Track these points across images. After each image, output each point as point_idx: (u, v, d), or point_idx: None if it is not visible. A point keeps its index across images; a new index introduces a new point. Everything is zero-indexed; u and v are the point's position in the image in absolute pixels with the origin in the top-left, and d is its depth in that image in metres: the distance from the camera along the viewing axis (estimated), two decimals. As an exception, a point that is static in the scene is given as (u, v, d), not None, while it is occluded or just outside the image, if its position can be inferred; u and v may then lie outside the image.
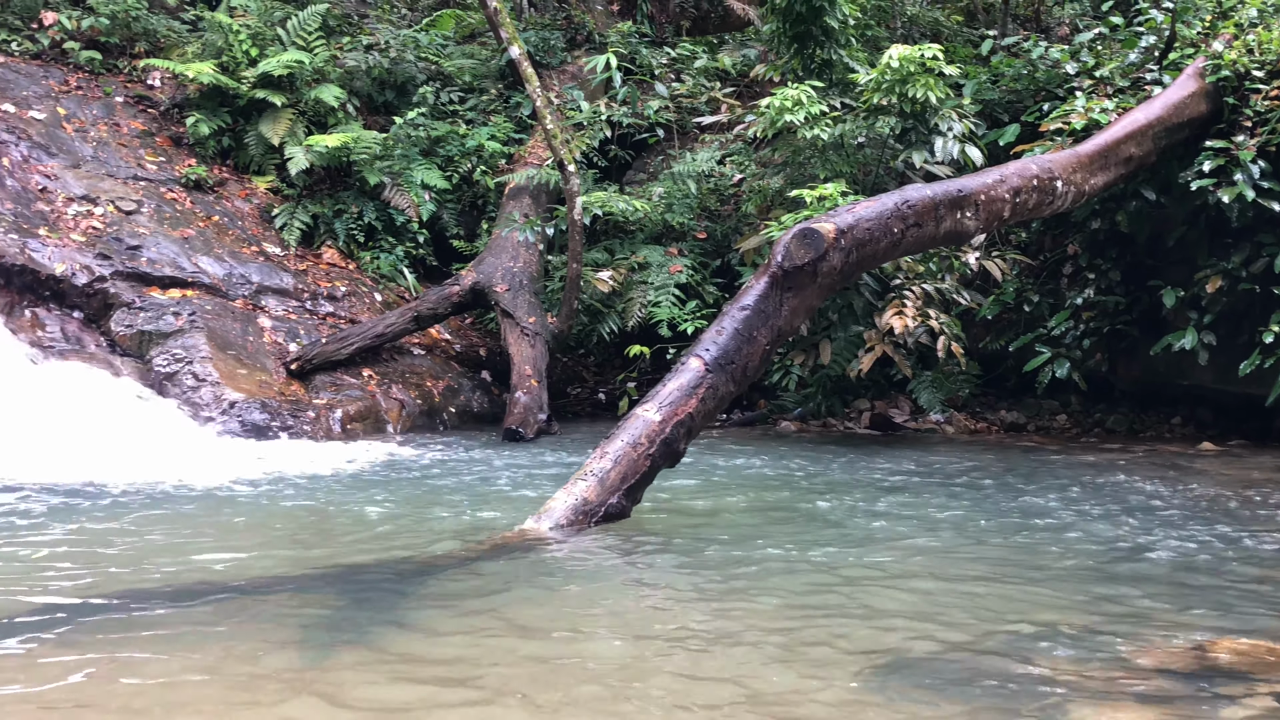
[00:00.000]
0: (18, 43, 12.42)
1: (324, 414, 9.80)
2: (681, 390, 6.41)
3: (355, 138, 12.32)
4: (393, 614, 4.32)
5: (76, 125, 11.65)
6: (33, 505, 6.45)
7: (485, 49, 15.28)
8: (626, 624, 4.23)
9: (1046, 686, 3.47)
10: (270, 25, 13.12)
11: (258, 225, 11.87)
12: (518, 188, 12.59)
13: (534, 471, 8.09)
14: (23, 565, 5.02)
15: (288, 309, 10.94)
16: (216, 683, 3.48)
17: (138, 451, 8.19)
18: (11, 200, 10.27)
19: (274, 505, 6.69)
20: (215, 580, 4.87)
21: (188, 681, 3.49)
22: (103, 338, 9.85)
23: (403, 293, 12.22)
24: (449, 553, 5.42)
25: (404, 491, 7.26)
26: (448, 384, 11.15)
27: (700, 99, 14.21)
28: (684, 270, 11.70)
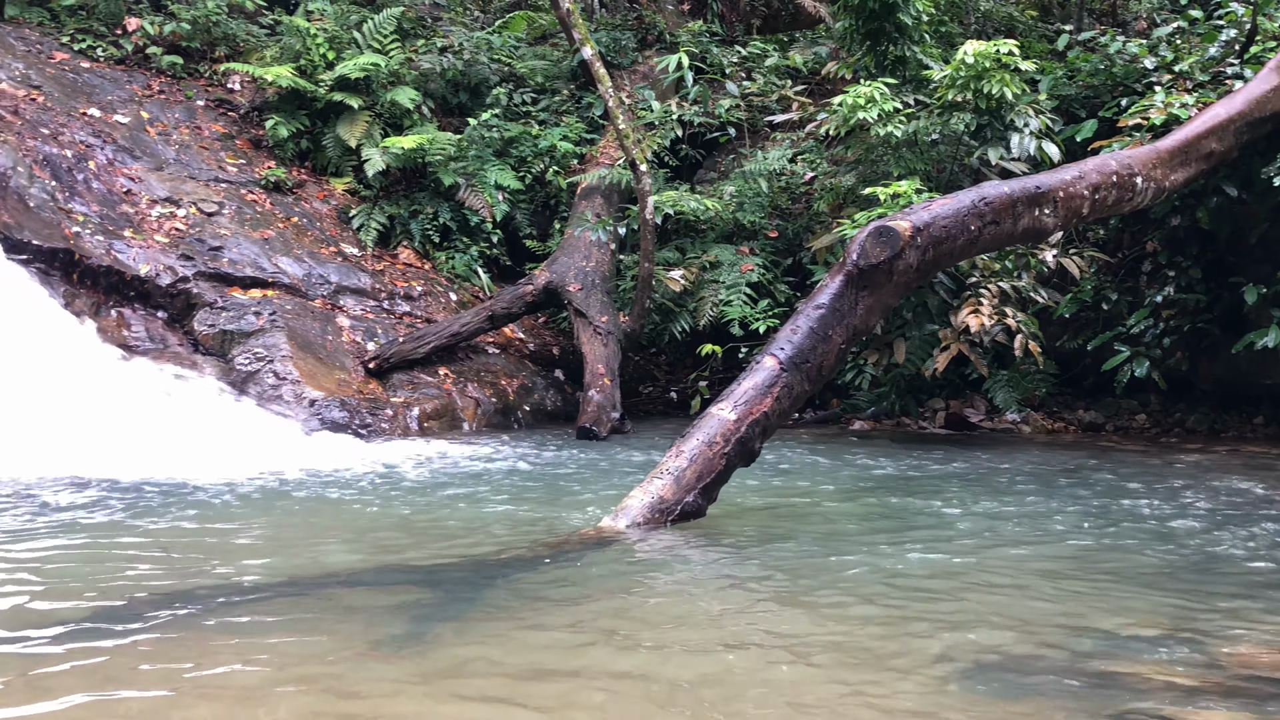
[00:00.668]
0: (103, 48, 12.73)
1: (401, 412, 9.94)
2: (756, 389, 6.42)
3: (430, 139, 12.47)
4: (475, 610, 4.37)
5: (159, 129, 11.92)
6: (123, 501, 6.62)
7: (557, 50, 15.38)
8: (706, 624, 4.24)
9: (1134, 688, 3.44)
10: (346, 29, 13.33)
11: (335, 226, 12.06)
12: (590, 187, 12.66)
13: (609, 469, 8.14)
14: (117, 561, 5.15)
15: (365, 308, 11.12)
16: (306, 678, 3.53)
17: (221, 449, 8.36)
18: (98, 203, 10.53)
19: (354, 502, 6.80)
20: (301, 576, 4.97)
21: (277, 677, 3.55)
22: (186, 337, 10.07)
23: (477, 292, 12.35)
24: (529, 550, 5.47)
25: (481, 489, 7.34)
26: (522, 382, 11.26)
27: (771, 97, 14.18)
28: (755, 269, 11.70)
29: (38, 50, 12.24)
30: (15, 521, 5.98)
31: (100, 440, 7.92)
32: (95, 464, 7.59)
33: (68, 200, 10.31)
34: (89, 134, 11.23)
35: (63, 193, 10.34)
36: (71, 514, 6.21)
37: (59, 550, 5.31)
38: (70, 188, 10.45)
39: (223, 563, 5.15)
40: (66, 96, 11.66)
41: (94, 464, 7.59)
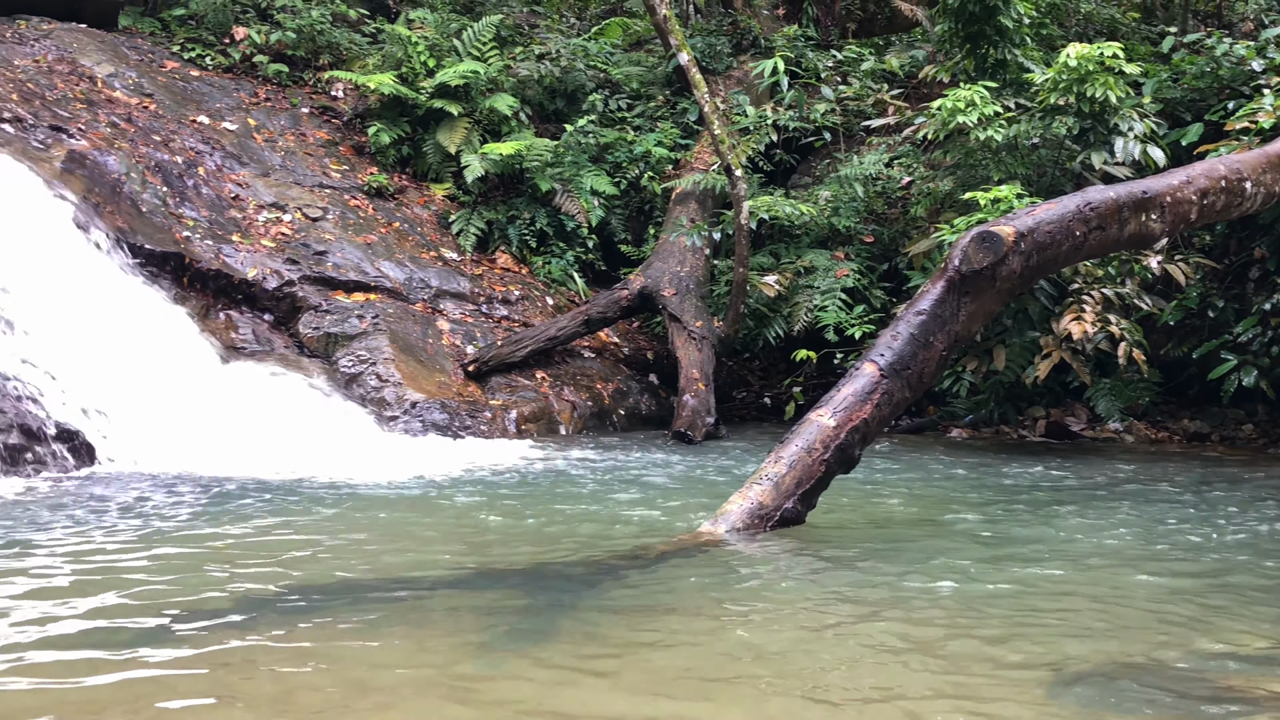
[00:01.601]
0: (211, 57, 13.10)
1: (500, 414, 10.09)
2: (856, 395, 6.41)
3: (528, 145, 12.63)
4: (576, 613, 4.42)
5: (266, 135, 12.22)
6: (232, 499, 6.81)
7: (652, 56, 15.46)
8: (807, 630, 4.25)
9: (1232, 704, 3.39)
10: (447, 37, 13.55)
11: (435, 231, 12.26)
12: (684, 193, 12.71)
13: (704, 474, 8.18)
14: (225, 559, 5.30)
15: (464, 312, 11.29)
16: (409, 676, 3.59)
17: (325, 449, 8.56)
18: (207, 208, 10.84)
19: (454, 503, 6.92)
20: (408, 576, 5.06)
21: (381, 674, 3.61)
22: (291, 339, 10.31)
23: (573, 297, 12.48)
24: (629, 553, 5.52)
25: (579, 492, 7.42)
26: (617, 386, 11.35)
27: (867, 101, 14.09)
28: (851, 274, 11.64)
29: (150, 59, 12.63)
30: (118, 523, 6.19)
31: (212, 440, 8.16)
32: (208, 463, 7.83)
33: (178, 205, 10.63)
34: (198, 141, 11.56)
35: (174, 198, 10.66)
36: (185, 511, 6.41)
37: (170, 550, 5.48)
38: (181, 193, 10.77)
39: (333, 562, 5.28)
40: (177, 104, 12.01)
41: (206, 463, 7.83)
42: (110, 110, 11.23)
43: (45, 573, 4.86)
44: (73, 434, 7.71)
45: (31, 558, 5.14)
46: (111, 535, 5.68)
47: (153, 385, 8.46)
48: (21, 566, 4.97)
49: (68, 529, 5.81)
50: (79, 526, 5.89)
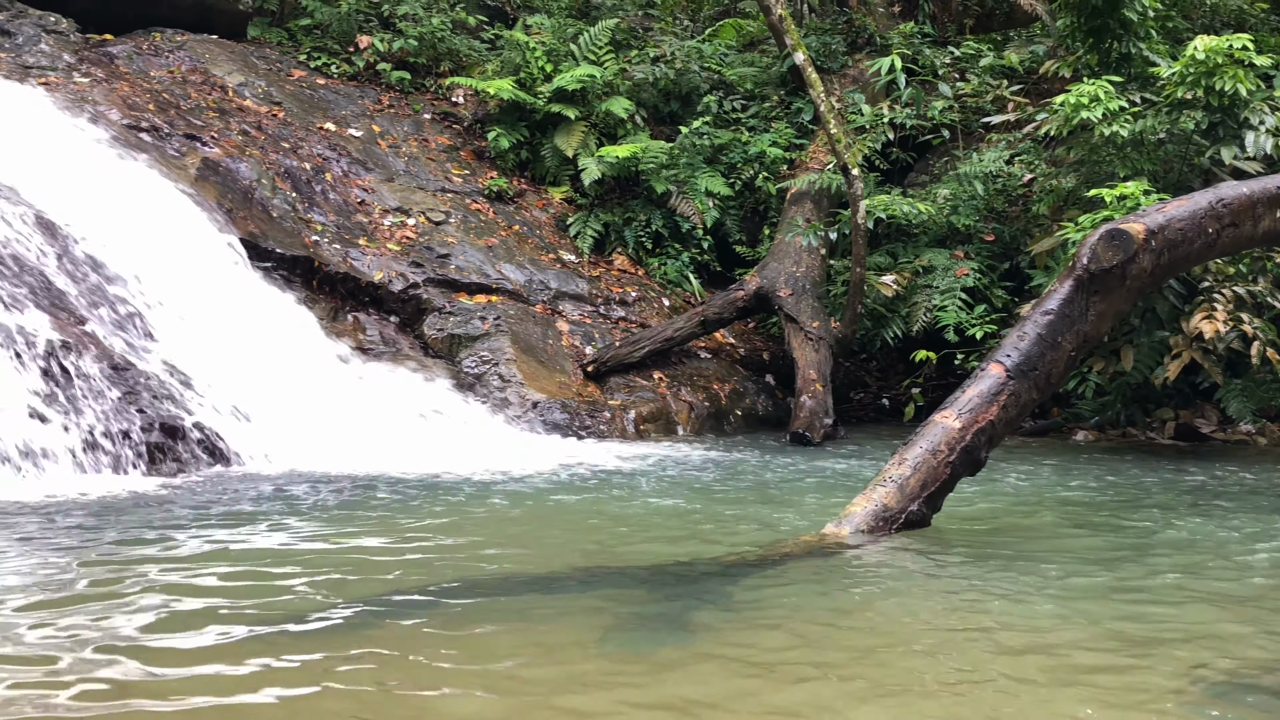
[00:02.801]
0: (336, 65, 13.45)
1: (619, 415, 10.20)
2: (982, 397, 6.34)
3: (643, 148, 12.72)
4: (702, 613, 4.45)
5: (390, 141, 12.52)
6: (361, 498, 7.01)
7: (765, 56, 15.45)
8: (934, 633, 4.23)
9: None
10: (563, 42, 13.71)
11: (554, 233, 12.43)
12: (800, 193, 12.69)
13: (824, 475, 8.17)
14: (354, 557, 5.46)
15: (583, 313, 11.44)
16: (533, 675, 3.65)
17: (451, 448, 8.75)
18: (335, 213, 11.14)
19: (577, 503, 7.02)
20: (530, 574, 5.15)
21: (505, 671, 3.68)
22: (416, 341, 10.55)
23: (689, 298, 12.54)
24: (752, 553, 5.55)
25: (699, 492, 7.47)
26: (733, 387, 11.38)
27: (986, 98, 13.91)
28: (971, 273, 11.51)
29: (278, 68, 13.02)
30: (253, 521, 6.40)
31: (343, 439, 8.40)
32: (339, 461, 8.06)
33: (307, 210, 10.94)
34: (325, 147, 11.89)
35: (302, 203, 10.98)
36: (315, 509, 6.61)
37: (300, 548, 5.66)
38: (309, 198, 11.09)
39: (457, 560, 5.40)
40: (304, 112, 12.37)
41: (337, 461, 8.06)
42: (241, 118, 11.61)
43: (184, 570, 5.07)
44: (210, 433, 7.99)
45: (172, 555, 5.35)
46: (247, 533, 5.89)
47: (286, 385, 8.74)
48: (163, 563, 5.18)
49: (206, 526, 6.04)
50: (217, 524, 6.12)
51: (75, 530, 5.85)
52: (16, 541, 5.60)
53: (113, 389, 7.71)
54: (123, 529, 5.88)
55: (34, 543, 5.56)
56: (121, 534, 5.74)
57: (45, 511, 6.33)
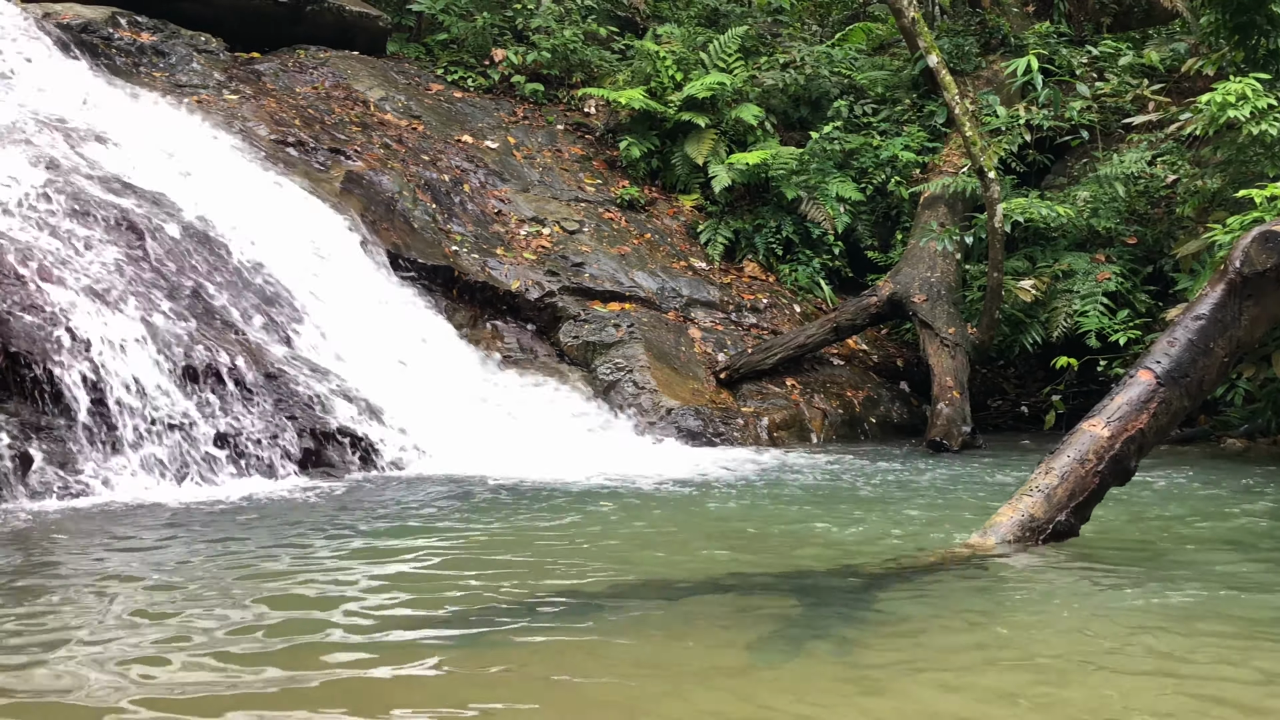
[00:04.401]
0: (472, 79, 13.75)
1: (752, 422, 10.23)
2: (1131, 404, 6.21)
3: (773, 154, 12.73)
4: (844, 623, 4.45)
5: (524, 152, 12.75)
6: (503, 500, 7.15)
7: (896, 60, 15.31)
8: (1083, 648, 4.15)
9: None
10: (693, 50, 13.80)
11: (685, 241, 12.52)
12: (933, 197, 12.55)
13: (965, 484, 8.07)
14: (495, 559, 5.58)
15: (714, 320, 11.50)
16: (673, 679, 3.68)
17: (587, 453, 8.89)
18: (473, 223, 11.39)
19: (714, 508, 7.07)
20: (668, 579, 5.19)
21: (654, 675, 3.73)
22: (552, 348, 10.74)
23: (820, 304, 12.50)
24: (896, 563, 5.52)
25: (837, 500, 7.45)
26: (867, 394, 11.31)
27: (1125, 97, 13.58)
28: (1112, 278, 11.25)
29: (416, 83, 13.36)
30: (397, 523, 6.59)
31: (484, 443, 8.60)
32: (480, 465, 8.25)
33: (446, 221, 11.21)
34: (463, 159, 12.16)
35: (442, 214, 11.25)
36: (458, 511, 6.78)
37: (457, 551, 5.81)
38: (448, 209, 11.35)
39: (597, 563, 5.48)
40: (443, 125, 12.66)
41: (479, 465, 8.25)
42: (383, 132, 11.94)
43: (336, 569, 5.25)
44: (358, 438, 8.24)
45: (321, 556, 5.54)
46: (392, 534, 6.06)
47: (429, 391, 8.98)
48: (313, 564, 5.37)
49: (355, 528, 6.24)
50: (365, 526, 6.32)
51: (240, 532, 6.10)
52: (190, 543, 5.87)
53: (266, 396, 8.01)
54: (279, 533, 6.11)
55: (206, 544, 5.81)
56: (279, 539, 5.97)
57: (208, 514, 6.61)
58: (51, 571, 5.13)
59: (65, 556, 5.49)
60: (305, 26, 13.05)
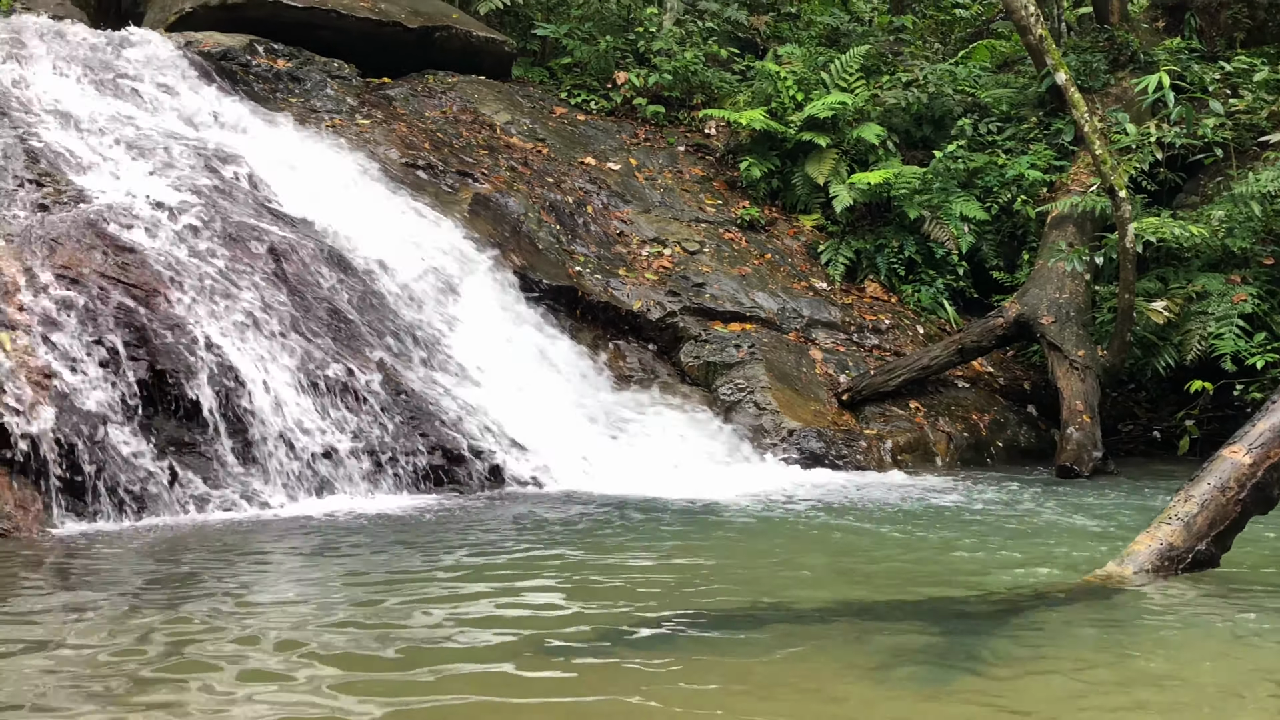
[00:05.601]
0: (595, 101, 13.93)
1: (875, 444, 10.15)
2: (1274, 430, 6.02)
3: (895, 173, 12.64)
4: (978, 653, 4.39)
5: (646, 174, 12.87)
6: (630, 521, 7.22)
7: (1021, 77, 15.09)
8: (1226, 685, 4.05)
9: None
10: (814, 70, 13.78)
11: (805, 261, 12.50)
12: (1061, 216, 12.32)
13: (1097, 511, 7.91)
14: (629, 579, 5.62)
15: (836, 341, 11.45)
16: (802, 704, 3.69)
17: (710, 473, 8.94)
18: (596, 244, 11.53)
19: (839, 532, 7.03)
20: (793, 604, 5.18)
21: (788, 700, 3.72)
22: (673, 368, 10.81)
23: (943, 325, 12.36)
24: (1029, 592, 5.45)
25: (965, 524, 7.36)
26: (993, 417, 11.15)
27: (1261, 114, 13.18)
28: (1249, 299, 10.91)
29: (540, 106, 13.58)
30: (522, 542, 6.69)
31: (608, 462, 8.71)
32: (605, 483, 8.37)
33: (570, 242, 11.37)
34: (586, 181, 12.32)
35: (566, 235, 11.41)
36: (581, 531, 6.86)
37: (588, 570, 5.88)
38: (572, 231, 11.51)
39: (722, 587, 5.50)
40: (566, 147, 12.85)
41: (604, 483, 8.37)
42: (509, 155, 12.16)
43: (465, 586, 5.35)
44: (485, 455, 8.40)
45: (452, 572, 5.66)
46: (522, 553, 6.17)
47: (555, 410, 9.11)
48: (444, 580, 5.48)
49: (484, 546, 6.36)
50: (495, 544, 6.43)
51: (373, 547, 6.27)
52: (326, 557, 6.05)
53: (399, 413, 8.21)
54: (411, 548, 6.25)
55: (341, 558, 5.99)
56: (410, 554, 6.11)
57: (343, 529, 6.80)
58: (195, 586, 5.33)
59: (209, 570, 5.70)
60: (433, 52, 13.35)
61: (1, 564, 5.77)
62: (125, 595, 5.06)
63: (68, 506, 6.79)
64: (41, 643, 4.29)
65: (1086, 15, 16.50)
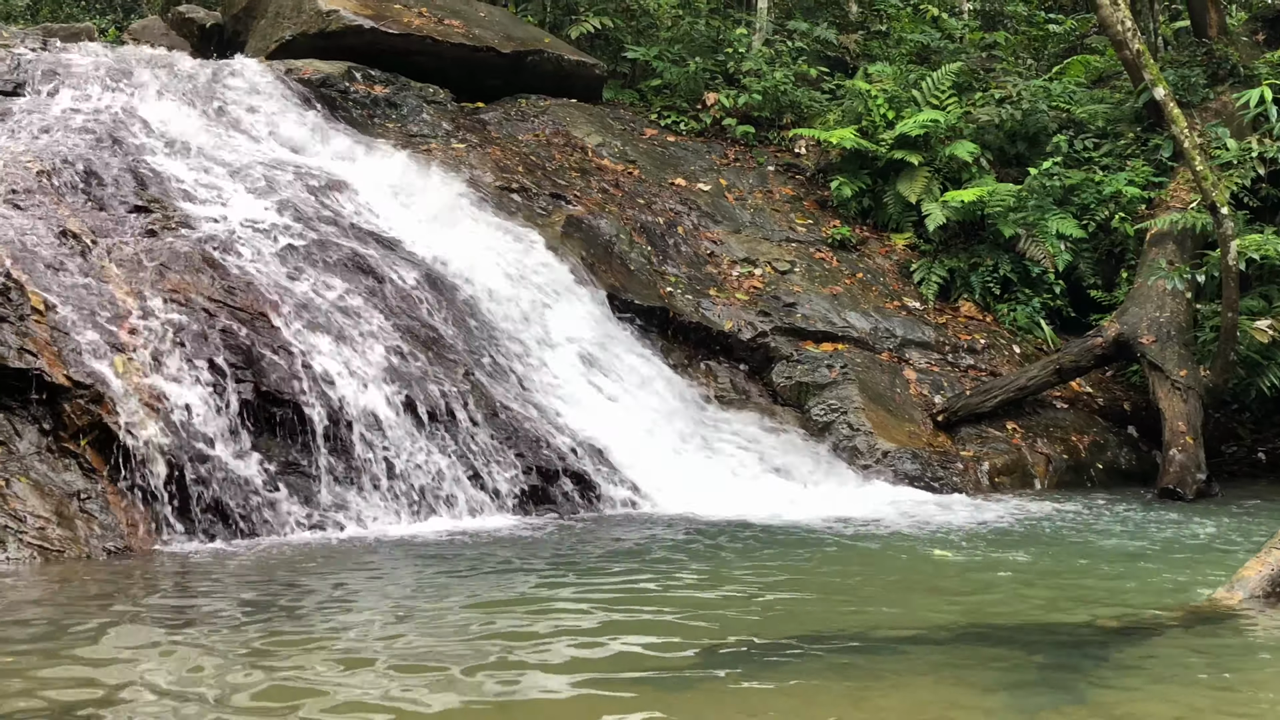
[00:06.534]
0: (684, 123, 13.99)
1: (971, 466, 10.03)
2: (1393, 456, 5.87)
3: (989, 191, 12.50)
4: (1090, 678, 4.34)
5: (736, 194, 12.88)
6: (725, 542, 7.22)
7: (1117, 92, 14.85)
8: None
9: None
10: (905, 88, 13.69)
11: (897, 280, 12.41)
12: (1160, 233, 12.09)
13: (1202, 536, 7.74)
14: (725, 600, 5.63)
15: (930, 361, 11.34)
16: None
17: (805, 494, 8.93)
18: (686, 264, 11.56)
19: (939, 555, 6.96)
20: (901, 629, 5.15)
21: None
22: (765, 388, 10.79)
23: (1040, 345, 12.19)
24: (1139, 617, 5.36)
25: (1066, 549, 7.25)
26: (1093, 439, 10.96)
27: (1369, 127, 12.81)
28: (1358, 318, 10.62)
29: (631, 128, 13.67)
30: (621, 562, 6.71)
31: (703, 482, 8.73)
32: (700, 504, 8.38)
33: (661, 263, 11.41)
34: (677, 202, 12.37)
35: (657, 256, 11.46)
36: (677, 551, 6.87)
37: (687, 589, 5.90)
38: (663, 252, 11.56)
39: (823, 610, 5.49)
40: (656, 168, 12.92)
41: (699, 504, 8.38)
42: (600, 177, 12.26)
43: (564, 606, 5.39)
44: (580, 476, 8.45)
45: (549, 592, 5.70)
46: (621, 573, 6.21)
47: (648, 430, 9.15)
48: (543, 600, 5.53)
49: (581, 566, 6.41)
50: (593, 563, 6.48)
51: (471, 565, 6.34)
52: (426, 575, 6.14)
53: (495, 434, 8.31)
54: (508, 567, 6.32)
55: (442, 577, 6.07)
56: (507, 573, 6.18)
57: (442, 549, 6.89)
58: (301, 605, 5.44)
59: (314, 590, 5.82)
60: (526, 76, 13.50)
61: (119, 580, 5.95)
62: (235, 613, 5.19)
63: (177, 525, 6.97)
64: (159, 654, 4.41)
65: (1184, 29, 16.18)
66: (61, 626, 4.87)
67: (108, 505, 6.88)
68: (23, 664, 4.26)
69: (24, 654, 4.42)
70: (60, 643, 4.61)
